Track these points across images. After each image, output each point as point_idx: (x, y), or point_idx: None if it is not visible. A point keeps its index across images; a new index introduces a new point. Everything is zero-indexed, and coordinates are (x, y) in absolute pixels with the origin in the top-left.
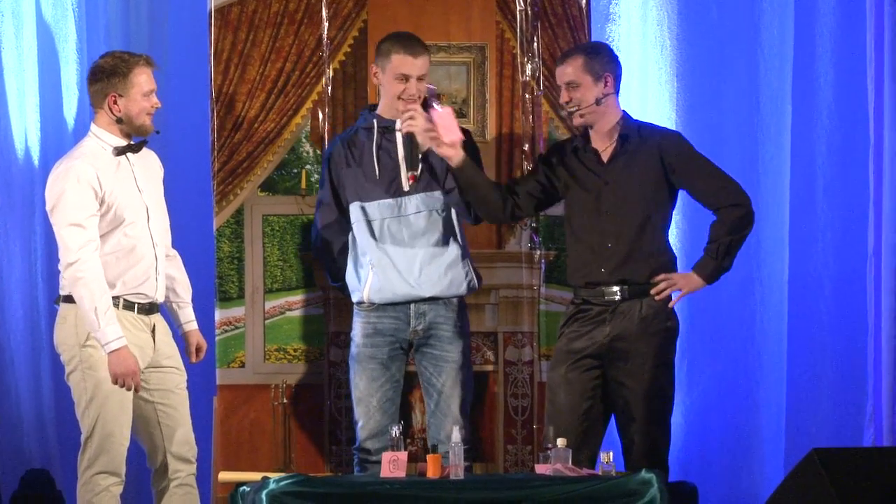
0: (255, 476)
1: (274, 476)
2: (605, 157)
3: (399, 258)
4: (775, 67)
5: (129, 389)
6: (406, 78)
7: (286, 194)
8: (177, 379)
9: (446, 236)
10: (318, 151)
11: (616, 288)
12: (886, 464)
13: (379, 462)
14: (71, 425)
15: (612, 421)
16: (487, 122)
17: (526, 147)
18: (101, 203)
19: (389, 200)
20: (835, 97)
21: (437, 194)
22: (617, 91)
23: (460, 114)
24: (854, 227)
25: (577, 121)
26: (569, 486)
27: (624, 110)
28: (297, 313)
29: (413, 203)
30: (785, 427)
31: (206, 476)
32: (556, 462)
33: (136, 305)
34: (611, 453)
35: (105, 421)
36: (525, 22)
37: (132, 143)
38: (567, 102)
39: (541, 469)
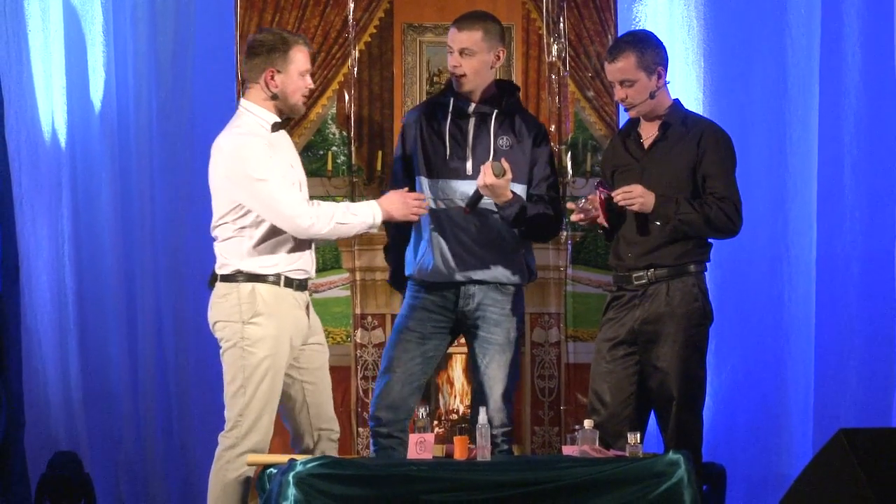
0: (282, 458)
1: (301, 458)
2: (646, 144)
3: (454, 239)
4: (803, 47)
5: (417, 215)
6: (450, 49)
7: (313, 176)
8: (322, 357)
9: (504, 225)
10: (344, 133)
11: (643, 272)
12: None
13: (387, 435)
14: (98, 407)
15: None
16: None
17: (552, 128)
18: None
19: (452, 181)
20: (862, 77)
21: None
22: (666, 79)
23: None
24: (882, 207)
25: (631, 113)
26: (596, 467)
27: (676, 99)
28: (324, 295)
29: (475, 188)
30: (813, 407)
31: None
32: (583, 443)
33: (295, 282)
34: (637, 434)
35: (259, 402)
36: (551, 3)
37: (286, 119)
38: (623, 99)
39: (568, 450)
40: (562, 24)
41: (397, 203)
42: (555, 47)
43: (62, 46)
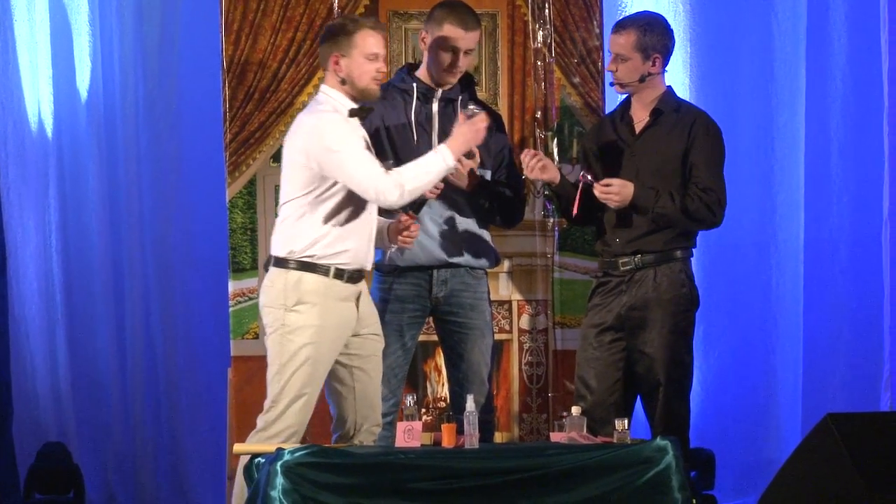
0: (270, 447)
1: (288, 447)
2: (638, 129)
3: (424, 223)
4: (789, 31)
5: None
6: (455, 50)
7: None
8: (377, 347)
9: (472, 209)
10: None
11: (630, 258)
12: None
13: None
14: (87, 398)
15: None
16: (499, 90)
17: (538, 114)
18: None
19: None
20: (848, 60)
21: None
22: (664, 68)
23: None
24: (869, 191)
25: (616, 89)
26: (584, 454)
27: (669, 86)
28: None
29: None
30: (801, 392)
31: (222, 448)
32: (570, 430)
33: (346, 274)
34: (625, 421)
35: (293, 389)
36: None
37: (364, 105)
38: (613, 71)
39: (556, 437)
40: (547, 11)
41: (468, 134)
42: (540, 34)
43: (48, 36)
